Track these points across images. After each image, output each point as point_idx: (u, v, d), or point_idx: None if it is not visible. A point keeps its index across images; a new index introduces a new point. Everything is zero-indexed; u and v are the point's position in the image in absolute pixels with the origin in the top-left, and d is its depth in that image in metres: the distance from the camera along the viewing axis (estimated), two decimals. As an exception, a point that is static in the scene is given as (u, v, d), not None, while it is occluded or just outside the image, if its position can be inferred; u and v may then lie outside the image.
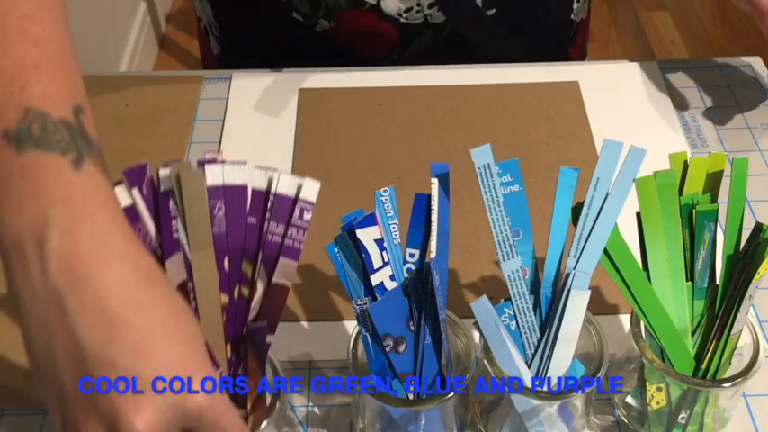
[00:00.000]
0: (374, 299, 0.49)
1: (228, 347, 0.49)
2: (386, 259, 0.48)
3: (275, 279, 0.48)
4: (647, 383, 0.54)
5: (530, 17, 0.90)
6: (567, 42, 0.95)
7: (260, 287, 0.49)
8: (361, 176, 0.75)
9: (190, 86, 0.84)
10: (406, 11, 0.83)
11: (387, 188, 0.49)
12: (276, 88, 0.83)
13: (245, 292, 0.49)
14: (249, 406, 0.50)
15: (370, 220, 0.47)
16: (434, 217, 0.47)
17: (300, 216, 0.48)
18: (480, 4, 0.85)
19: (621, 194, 0.49)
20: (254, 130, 0.80)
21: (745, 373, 0.51)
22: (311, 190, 0.48)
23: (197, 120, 0.81)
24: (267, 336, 0.48)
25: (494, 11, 0.86)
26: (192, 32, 2.42)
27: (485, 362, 0.51)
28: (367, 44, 0.87)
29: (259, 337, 0.48)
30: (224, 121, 0.80)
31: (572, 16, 0.94)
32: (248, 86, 0.84)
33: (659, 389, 0.54)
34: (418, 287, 0.49)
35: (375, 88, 0.83)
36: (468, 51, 0.89)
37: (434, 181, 0.48)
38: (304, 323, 0.64)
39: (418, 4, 0.83)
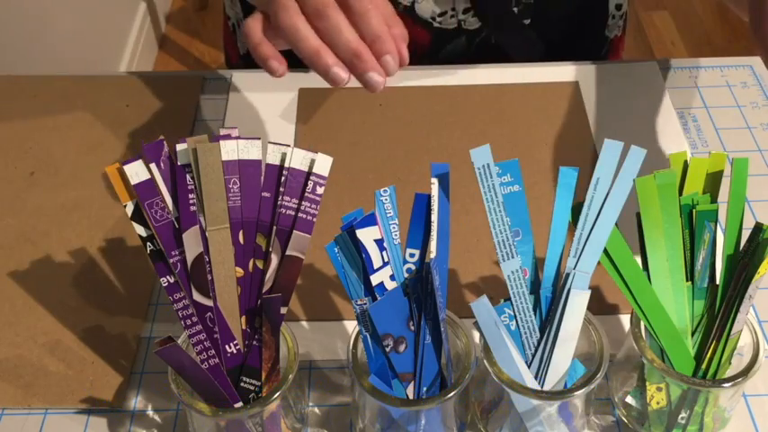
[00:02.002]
0: (374, 299, 0.49)
1: (243, 319, 0.51)
2: (386, 259, 0.48)
3: (289, 251, 0.49)
4: (647, 383, 0.54)
5: (564, 29, 0.90)
6: (599, 59, 0.95)
7: (274, 260, 0.50)
8: (361, 176, 0.75)
9: (190, 86, 0.84)
10: (441, 15, 0.83)
11: (387, 188, 0.49)
12: (276, 88, 0.83)
13: (260, 264, 0.50)
14: (263, 377, 0.51)
15: (370, 220, 0.47)
16: (434, 217, 0.47)
17: (313, 190, 0.49)
18: (517, 12, 0.84)
19: (621, 194, 0.49)
20: (254, 129, 0.80)
21: (745, 373, 0.51)
22: (324, 164, 0.49)
23: (197, 120, 0.81)
24: (281, 307, 0.49)
25: (529, 20, 0.85)
26: (192, 33, 2.42)
27: (485, 362, 0.51)
28: None
29: (273, 309, 0.49)
30: (224, 120, 0.80)
31: (606, 32, 0.93)
32: (248, 86, 0.84)
33: (659, 389, 0.54)
34: (418, 287, 0.49)
35: (375, 88, 0.83)
36: (500, 62, 0.88)
37: (434, 181, 0.48)
38: (304, 323, 0.64)
39: (453, 9, 0.82)
